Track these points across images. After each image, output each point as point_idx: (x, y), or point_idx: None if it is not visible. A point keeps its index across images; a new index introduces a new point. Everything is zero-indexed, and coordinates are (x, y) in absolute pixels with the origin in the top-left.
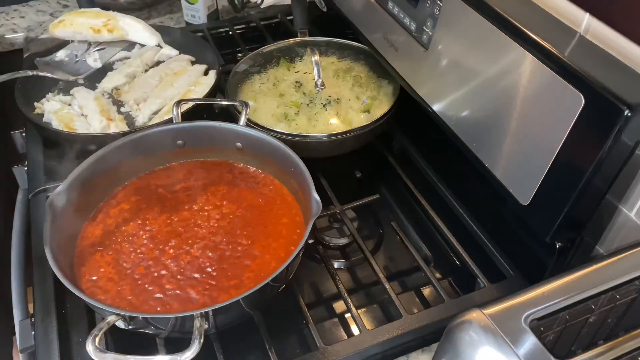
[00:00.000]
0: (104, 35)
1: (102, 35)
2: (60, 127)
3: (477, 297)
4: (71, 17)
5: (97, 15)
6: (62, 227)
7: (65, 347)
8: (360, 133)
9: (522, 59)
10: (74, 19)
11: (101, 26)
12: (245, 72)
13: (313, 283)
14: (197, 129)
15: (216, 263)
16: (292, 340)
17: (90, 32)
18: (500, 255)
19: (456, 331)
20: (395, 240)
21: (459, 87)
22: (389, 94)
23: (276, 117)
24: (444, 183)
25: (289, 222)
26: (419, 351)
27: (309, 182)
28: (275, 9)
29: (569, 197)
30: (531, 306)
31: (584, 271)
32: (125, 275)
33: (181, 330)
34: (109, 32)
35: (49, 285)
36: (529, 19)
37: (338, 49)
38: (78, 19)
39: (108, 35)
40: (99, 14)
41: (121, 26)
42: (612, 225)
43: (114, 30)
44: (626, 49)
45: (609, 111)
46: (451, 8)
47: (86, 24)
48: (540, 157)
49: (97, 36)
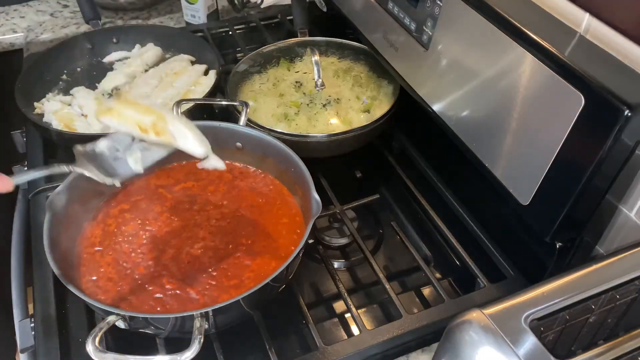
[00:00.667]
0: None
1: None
2: (60, 127)
3: (477, 297)
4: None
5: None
6: (62, 227)
7: (65, 347)
8: (360, 133)
9: (522, 59)
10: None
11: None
12: (245, 72)
13: (313, 283)
14: None
15: (216, 263)
16: (292, 340)
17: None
18: (500, 255)
19: (456, 331)
20: (395, 240)
21: (459, 87)
22: (389, 94)
23: (276, 117)
24: (444, 183)
25: (289, 222)
26: (419, 351)
27: (309, 182)
28: (275, 9)
29: (569, 197)
30: (531, 306)
31: (584, 271)
32: (125, 275)
33: (181, 330)
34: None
35: (49, 285)
36: (529, 19)
37: (338, 49)
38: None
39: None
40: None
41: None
42: (612, 225)
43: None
44: (626, 49)
45: (609, 111)
46: (451, 8)
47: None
48: (540, 157)
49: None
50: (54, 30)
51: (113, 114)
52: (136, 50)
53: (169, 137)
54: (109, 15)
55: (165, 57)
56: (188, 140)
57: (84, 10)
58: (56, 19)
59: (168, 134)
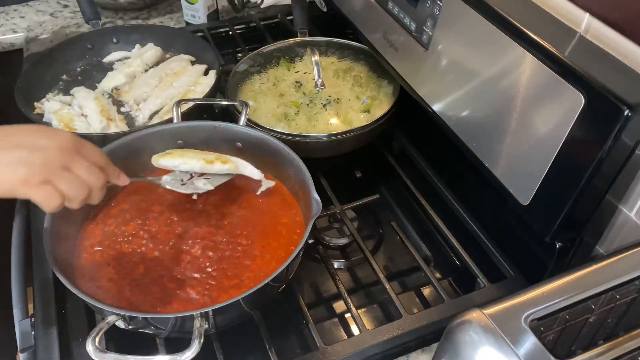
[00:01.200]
0: (216, 166)
1: (213, 166)
2: (60, 127)
3: (477, 297)
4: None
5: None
6: (62, 227)
7: (65, 347)
8: (360, 133)
9: (522, 59)
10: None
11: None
12: (245, 72)
13: (313, 283)
14: (197, 129)
15: (216, 263)
16: (292, 340)
17: (202, 162)
18: (500, 255)
19: (456, 331)
20: (395, 240)
21: (459, 87)
22: (389, 94)
23: (276, 117)
24: (444, 183)
25: (289, 222)
26: (419, 351)
27: (309, 182)
28: (275, 9)
29: (569, 197)
30: (531, 306)
31: (584, 271)
32: (125, 275)
33: (181, 330)
34: (222, 164)
35: (49, 285)
36: (529, 19)
37: (338, 49)
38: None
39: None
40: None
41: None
42: (612, 225)
43: (227, 162)
44: (626, 49)
45: (609, 111)
46: (451, 8)
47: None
48: (540, 157)
49: (208, 166)
50: (54, 30)
51: (174, 156)
52: (136, 50)
53: (234, 164)
54: (109, 15)
55: (165, 57)
56: (247, 168)
57: (84, 10)
58: (56, 19)
59: (233, 162)
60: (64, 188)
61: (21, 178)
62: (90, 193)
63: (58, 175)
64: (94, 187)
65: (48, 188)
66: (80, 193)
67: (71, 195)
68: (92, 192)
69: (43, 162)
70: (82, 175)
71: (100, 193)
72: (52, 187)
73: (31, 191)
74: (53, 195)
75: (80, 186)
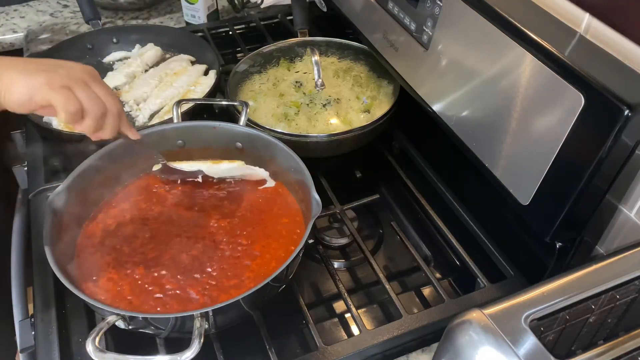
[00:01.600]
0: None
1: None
2: (60, 127)
3: (477, 297)
4: None
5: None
6: (62, 227)
7: (65, 347)
8: (360, 133)
9: (522, 59)
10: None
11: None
12: (245, 72)
13: (313, 283)
14: (197, 129)
15: (216, 263)
16: (292, 340)
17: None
18: (500, 255)
19: (456, 331)
20: (395, 240)
21: (459, 87)
22: (389, 94)
23: (276, 117)
24: (444, 183)
25: (289, 222)
26: (419, 351)
27: (309, 182)
28: (275, 9)
29: (569, 197)
30: (531, 306)
31: (584, 271)
32: (125, 275)
33: (181, 330)
34: (229, 162)
35: (49, 285)
36: (529, 19)
37: (338, 49)
38: None
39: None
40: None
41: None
42: (612, 225)
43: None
44: (626, 49)
45: (609, 111)
46: (451, 8)
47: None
48: (540, 157)
49: (214, 166)
50: (54, 30)
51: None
52: (136, 50)
53: (240, 162)
54: (109, 15)
55: (165, 57)
56: (254, 168)
57: (84, 10)
58: (56, 19)
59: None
60: (82, 97)
61: (44, 81)
62: (105, 115)
63: (79, 86)
64: (110, 110)
65: (69, 92)
66: (97, 108)
67: (88, 107)
68: (107, 117)
69: (66, 73)
70: (100, 94)
71: (114, 123)
72: (72, 93)
73: (52, 93)
74: (72, 99)
75: (98, 101)
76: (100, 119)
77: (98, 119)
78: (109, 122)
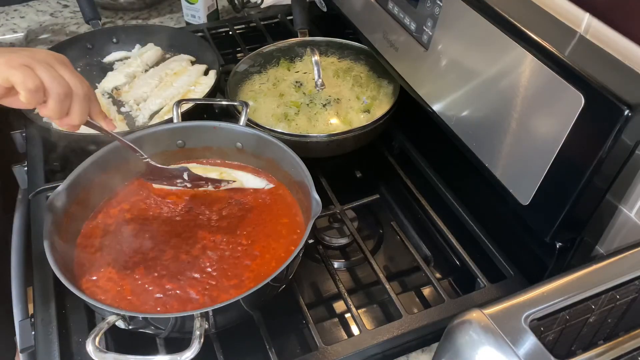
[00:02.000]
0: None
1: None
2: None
3: (477, 297)
4: None
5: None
6: (62, 227)
7: (65, 347)
8: (360, 133)
9: (522, 59)
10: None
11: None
12: (245, 72)
13: (313, 283)
14: (197, 129)
15: (216, 263)
16: (292, 340)
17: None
18: (500, 255)
19: (456, 331)
20: (395, 240)
21: (459, 87)
22: (389, 94)
23: (276, 117)
24: (444, 183)
25: (289, 222)
26: (419, 351)
27: (309, 182)
28: (275, 9)
29: (569, 197)
30: (531, 306)
31: (584, 271)
32: (125, 275)
33: (181, 330)
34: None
35: (49, 285)
36: (529, 19)
37: (338, 49)
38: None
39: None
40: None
41: (235, 176)
42: (612, 225)
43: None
44: (626, 49)
45: (609, 111)
46: (451, 8)
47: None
48: (540, 157)
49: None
50: (54, 30)
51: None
52: (136, 50)
53: (239, 182)
54: (109, 15)
55: (165, 57)
56: (250, 180)
57: (84, 10)
58: (56, 19)
59: (238, 180)
60: (43, 76)
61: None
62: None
63: (41, 65)
64: (76, 91)
65: (28, 70)
66: (59, 87)
67: (50, 86)
68: (74, 100)
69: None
70: (65, 76)
71: (81, 107)
72: (32, 71)
73: (10, 70)
74: (31, 75)
75: (60, 80)
76: (64, 100)
77: (62, 100)
78: (75, 106)
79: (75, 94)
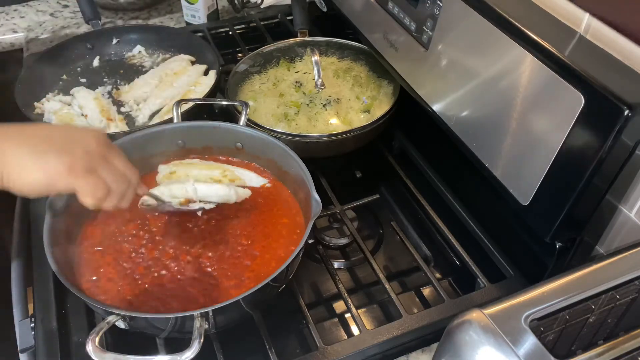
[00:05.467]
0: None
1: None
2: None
3: (477, 297)
4: (184, 169)
5: (209, 167)
6: (62, 227)
7: (65, 347)
8: (360, 133)
9: (522, 59)
10: (188, 171)
11: (221, 177)
12: (245, 72)
13: (313, 283)
14: (197, 129)
15: (216, 263)
16: (292, 340)
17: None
18: (500, 255)
19: (456, 331)
20: (395, 240)
21: (459, 87)
22: (389, 94)
23: (276, 117)
24: (444, 183)
25: (289, 222)
26: (419, 351)
27: (309, 182)
28: (275, 9)
29: (569, 197)
30: (531, 306)
31: (584, 271)
32: (125, 275)
33: (181, 330)
34: (230, 181)
35: (49, 285)
36: (529, 19)
37: (338, 49)
38: (192, 171)
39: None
40: (210, 165)
41: (238, 175)
42: (612, 225)
43: (235, 179)
44: (626, 49)
45: (609, 111)
46: (451, 8)
47: (203, 174)
48: (540, 157)
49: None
50: (54, 30)
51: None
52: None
53: (241, 181)
54: (109, 15)
55: (165, 57)
56: (252, 179)
57: (84, 10)
58: (56, 19)
59: (239, 178)
60: (107, 178)
61: (67, 166)
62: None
63: (101, 165)
64: (132, 181)
65: (94, 177)
66: (121, 185)
67: (114, 187)
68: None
69: (83, 152)
70: (120, 167)
71: (133, 192)
72: (97, 176)
73: (78, 181)
74: (99, 185)
75: (122, 177)
76: (122, 195)
77: (123, 195)
78: (129, 194)
79: (131, 183)
